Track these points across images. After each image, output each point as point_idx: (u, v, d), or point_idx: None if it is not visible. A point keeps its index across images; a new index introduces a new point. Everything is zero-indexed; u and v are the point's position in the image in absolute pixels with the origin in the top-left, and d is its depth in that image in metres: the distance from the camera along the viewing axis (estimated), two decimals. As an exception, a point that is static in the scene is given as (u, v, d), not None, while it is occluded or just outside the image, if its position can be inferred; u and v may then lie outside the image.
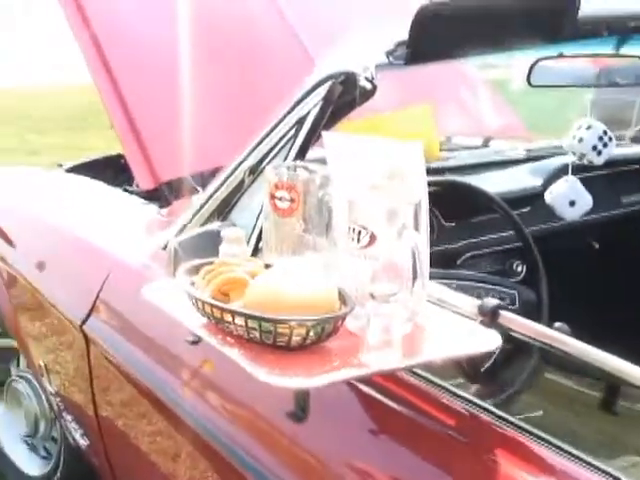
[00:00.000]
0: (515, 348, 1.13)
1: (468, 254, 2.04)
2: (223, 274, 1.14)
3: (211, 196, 1.68)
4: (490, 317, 1.12)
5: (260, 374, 0.98)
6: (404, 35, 1.46)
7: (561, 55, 1.86)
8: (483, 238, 2.08)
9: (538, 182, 2.17)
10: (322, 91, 1.49)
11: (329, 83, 1.48)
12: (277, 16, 2.57)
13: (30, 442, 2.72)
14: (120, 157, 3.22)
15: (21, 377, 2.66)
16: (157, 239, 1.87)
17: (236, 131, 2.21)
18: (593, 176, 2.32)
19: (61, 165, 3.18)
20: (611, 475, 0.96)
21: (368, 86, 1.45)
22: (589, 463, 0.98)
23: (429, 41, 1.49)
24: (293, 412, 1.08)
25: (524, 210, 2.15)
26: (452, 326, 1.12)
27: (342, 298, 1.08)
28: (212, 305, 1.06)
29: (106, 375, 1.90)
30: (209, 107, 2.43)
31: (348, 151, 1.13)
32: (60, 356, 2.14)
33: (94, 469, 2.26)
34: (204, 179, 2.42)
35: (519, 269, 2.05)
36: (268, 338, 1.03)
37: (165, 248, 1.78)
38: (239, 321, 1.04)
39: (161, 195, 2.35)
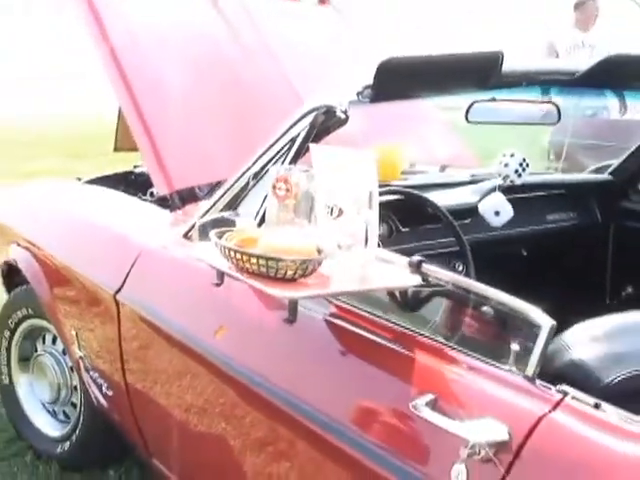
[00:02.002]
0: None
1: (418, 254, 2.66)
2: (241, 234, 1.77)
3: (223, 194, 2.31)
4: (415, 267, 1.75)
5: (269, 290, 1.62)
6: (370, 80, 2.10)
7: (493, 99, 2.51)
8: (430, 242, 2.70)
9: (475, 199, 2.81)
10: (309, 119, 2.14)
11: (314, 113, 2.12)
12: (274, 63, 3.24)
13: (51, 408, 3.32)
14: (128, 174, 3.91)
15: (47, 352, 3.26)
16: (178, 230, 2.49)
17: (234, 154, 2.86)
18: (525, 197, 2.97)
19: (79, 179, 3.82)
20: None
21: (342, 116, 2.09)
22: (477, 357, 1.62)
23: (388, 85, 2.13)
24: (287, 318, 1.71)
25: (465, 221, 2.78)
26: (390, 272, 1.76)
27: (319, 251, 1.71)
28: (236, 250, 1.69)
29: (134, 333, 2.50)
30: (216, 134, 3.07)
31: (327, 158, 1.77)
32: (92, 323, 2.75)
33: (113, 425, 2.86)
34: (208, 189, 3.08)
35: (460, 269, 2.66)
36: (272, 272, 1.66)
37: (186, 235, 2.42)
38: (254, 260, 1.66)
39: (171, 202, 2.97)
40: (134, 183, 3.76)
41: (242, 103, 3.15)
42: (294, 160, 2.12)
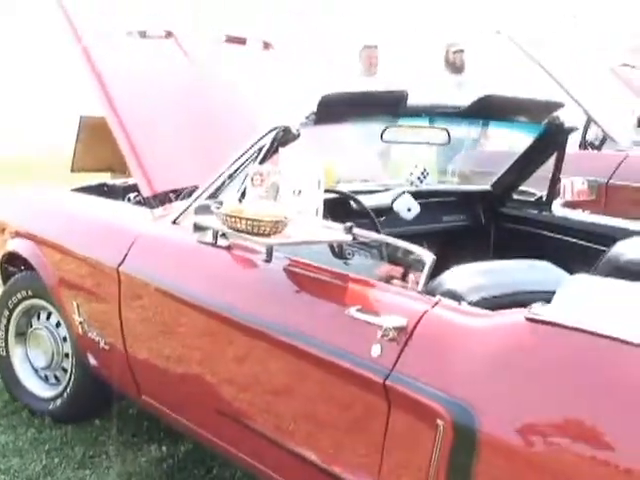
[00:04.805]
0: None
1: None
2: (231, 207, 2.79)
3: (206, 189, 3.31)
4: (348, 229, 2.78)
5: (256, 240, 2.64)
6: (314, 108, 3.15)
7: (400, 125, 3.58)
8: None
9: (389, 200, 3.87)
10: (272, 134, 3.17)
11: (276, 130, 3.16)
12: (228, 95, 4.29)
13: (43, 374, 4.24)
14: (102, 185, 4.88)
15: (42, 326, 4.18)
16: (166, 218, 3.49)
17: (198, 166, 3.87)
18: (427, 202, 4.04)
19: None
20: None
21: (296, 134, 3.14)
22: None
23: (326, 113, 3.19)
24: (265, 259, 2.73)
25: (381, 219, 3.83)
26: (331, 232, 2.80)
27: (286, 217, 2.74)
28: (231, 215, 2.70)
29: (132, 295, 3.46)
30: (184, 152, 4.09)
31: (291, 157, 2.81)
32: (93, 292, 3.70)
33: (103, 379, 3.81)
34: (178, 194, 4.07)
35: None
36: (255, 229, 2.68)
37: (174, 221, 3.41)
38: (243, 221, 2.68)
39: (150, 203, 3.95)
40: (107, 193, 4.73)
41: (204, 128, 4.18)
42: (261, 163, 3.15)
